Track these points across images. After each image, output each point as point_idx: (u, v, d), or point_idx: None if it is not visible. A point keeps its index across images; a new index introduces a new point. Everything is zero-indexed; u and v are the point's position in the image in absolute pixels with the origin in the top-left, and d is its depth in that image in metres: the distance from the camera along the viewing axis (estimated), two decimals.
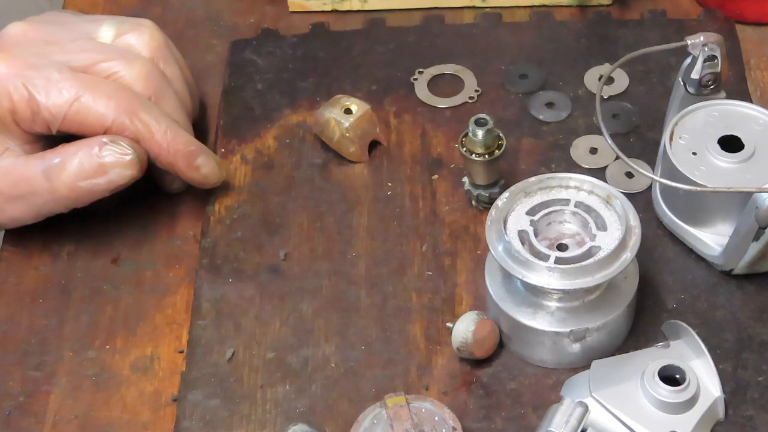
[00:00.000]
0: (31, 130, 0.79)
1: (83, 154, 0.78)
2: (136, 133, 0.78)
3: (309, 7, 0.99)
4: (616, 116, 0.88)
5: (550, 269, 0.70)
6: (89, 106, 0.77)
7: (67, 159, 0.78)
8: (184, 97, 0.84)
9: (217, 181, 0.84)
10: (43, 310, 0.80)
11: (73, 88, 0.77)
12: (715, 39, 0.78)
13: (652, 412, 0.69)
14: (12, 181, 0.79)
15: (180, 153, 0.80)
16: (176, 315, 0.80)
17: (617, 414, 0.69)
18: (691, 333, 0.72)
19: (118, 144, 0.78)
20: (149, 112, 0.79)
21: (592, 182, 0.75)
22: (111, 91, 0.78)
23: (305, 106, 0.91)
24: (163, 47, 0.84)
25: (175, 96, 0.83)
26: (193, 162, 0.81)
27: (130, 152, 0.78)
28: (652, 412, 0.69)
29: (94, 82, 0.78)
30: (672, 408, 0.69)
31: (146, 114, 0.79)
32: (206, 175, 0.82)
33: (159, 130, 0.79)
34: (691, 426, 0.68)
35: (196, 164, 0.81)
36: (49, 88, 0.77)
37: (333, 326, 0.78)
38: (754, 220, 0.72)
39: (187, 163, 0.81)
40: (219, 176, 0.83)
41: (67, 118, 0.77)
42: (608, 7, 0.97)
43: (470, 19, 0.97)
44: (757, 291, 0.77)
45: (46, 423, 0.74)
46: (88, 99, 0.77)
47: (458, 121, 0.89)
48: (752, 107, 0.79)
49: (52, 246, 0.84)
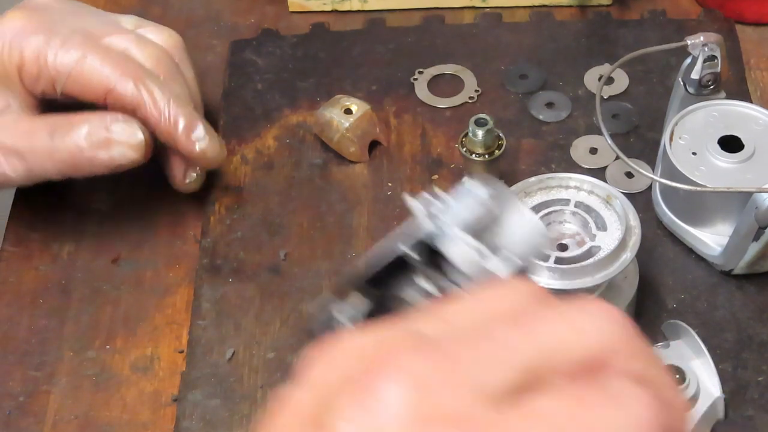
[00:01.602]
0: (34, 89, 0.79)
1: (94, 123, 0.77)
2: (137, 99, 0.78)
3: (309, 7, 0.99)
4: (616, 116, 0.88)
5: (550, 269, 0.70)
6: (94, 66, 0.77)
7: (76, 123, 0.77)
8: (195, 95, 0.84)
9: (216, 157, 0.81)
10: (43, 310, 0.80)
11: (81, 47, 0.78)
12: (715, 39, 0.78)
13: None
14: (13, 133, 0.78)
15: (179, 123, 0.79)
16: (176, 315, 0.80)
17: None
18: (691, 333, 0.72)
19: (130, 123, 0.77)
20: (154, 81, 0.79)
21: (592, 182, 0.75)
22: (119, 57, 0.78)
23: (305, 106, 0.91)
24: (180, 47, 0.84)
25: (185, 84, 0.82)
26: (191, 133, 0.79)
27: (140, 135, 0.77)
28: None
29: (103, 47, 0.79)
30: None
31: (151, 82, 0.78)
32: (204, 150, 0.80)
33: (162, 98, 0.78)
34: (690, 426, 0.68)
35: (194, 136, 0.79)
36: (58, 47, 0.77)
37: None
38: (754, 220, 0.72)
39: (186, 134, 0.79)
40: (219, 153, 0.81)
41: (72, 77, 0.77)
42: (608, 7, 0.97)
43: (470, 19, 0.97)
44: (757, 291, 0.77)
45: (46, 423, 0.74)
46: (95, 60, 0.77)
47: (458, 121, 0.89)
48: (752, 107, 0.79)
49: (52, 246, 0.84)
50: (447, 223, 0.51)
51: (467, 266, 0.50)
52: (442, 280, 0.52)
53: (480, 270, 0.50)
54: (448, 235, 0.51)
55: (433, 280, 0.52)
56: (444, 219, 0.52)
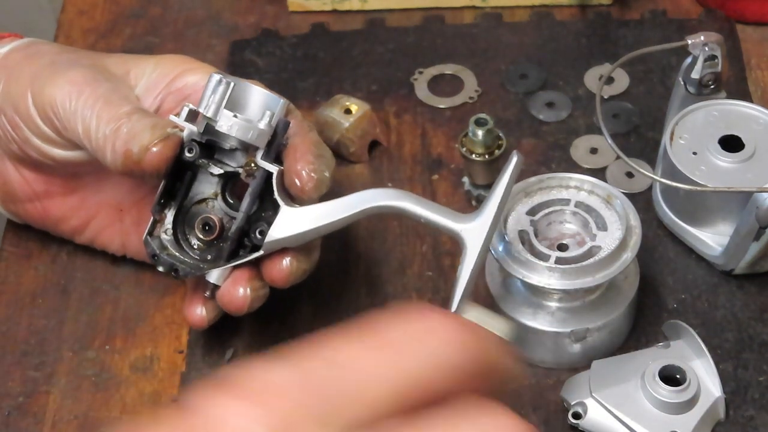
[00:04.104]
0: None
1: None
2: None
3: (309, 7, 0.99)
4: (617, 116, 0.88)
5: (550, 269, 0.70)
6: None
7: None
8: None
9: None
10: (42, 310, 0.80)
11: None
12: (715, 39, 0.78)
13: (652, 413, 0.69)
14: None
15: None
16: (176, 315, 0.79)
17: (617, 414, 0.69)
18: (692, 333, 0.72)
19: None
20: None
21: (593, 182, 0.75)
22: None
23: (305, 106, 0.91)
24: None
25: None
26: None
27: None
28: (653, 412, 0.69)
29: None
30: (672, 408, 0.69)
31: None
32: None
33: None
34: (691, 426, 0.68)
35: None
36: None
37: (333, 326, 0.78)
38: (754, 219, 0.72)
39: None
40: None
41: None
42: (608, 6, 0.97)
43: (470, 19, 0.97)
44: (758, 291, 0.77)
45: (46, 423, 0.74)
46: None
47: (458, 121, 0.89)
48: (753, 107, 0.79)
49: (52, 246, 0.84)
50: (211, 111, 0.66)
51: (242, 133, 0.66)
52: (223, 165, 0.69)
53: (253, 133, 0.67)
54: (219, 118, 0.66)
55: (220, 165, 0.69)
56: (205, 111, 0.66)
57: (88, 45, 0.98)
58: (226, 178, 0.70)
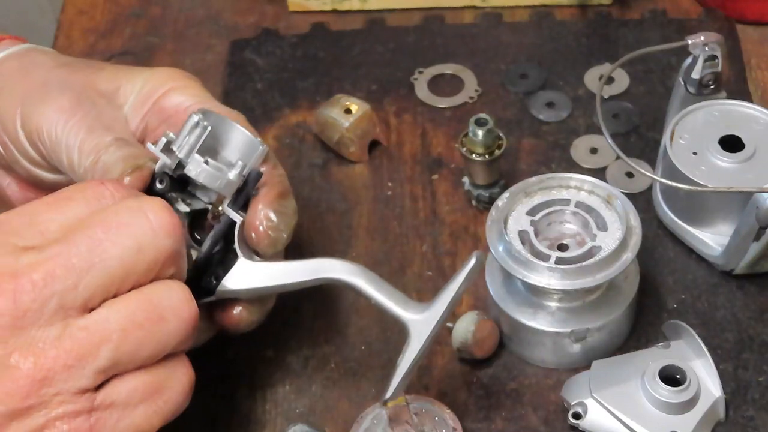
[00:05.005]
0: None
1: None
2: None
3: (309, 7, 0.99)
4: (617, 116, 0.88)
5: (550, 269, 0.70)
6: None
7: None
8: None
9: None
10: None
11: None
12: (715, 39, 0.78)
13: (652, 413, 0.69)
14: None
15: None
16: None
17: (618, 414, 0.69)
18: (692, 333, 0.72)
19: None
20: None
21: (593, 182, 0.75)
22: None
23: (305, 106, 0.91)
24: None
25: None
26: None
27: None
28: (653, 412, 0.69)
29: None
30: (672, 408, 0.69)
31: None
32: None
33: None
34: (691, 426, 0.68)
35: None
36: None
37: (333, 326, 0.78)
38: (754, 220, 0.72)
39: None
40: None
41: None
42: (609, 6, 0.97)
43: (470, 19, 0.97)
44: (758, 291, 0.77)
45: None
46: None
47: (458, 121, 0.89)
48: (753, 107, 0.79)
49: None
50: (183, 152, 0.64)
51: (209, 181, 0.65)
52: (194, 200, 0.67)
53: (221, 182, 0.65)
54: (189, 162, 0.64)
55: (186, 202, 0.67)
56: (178, 151, 0.64)
57: (88, 45, 0.98)
58: (192, 215, 0.68)
